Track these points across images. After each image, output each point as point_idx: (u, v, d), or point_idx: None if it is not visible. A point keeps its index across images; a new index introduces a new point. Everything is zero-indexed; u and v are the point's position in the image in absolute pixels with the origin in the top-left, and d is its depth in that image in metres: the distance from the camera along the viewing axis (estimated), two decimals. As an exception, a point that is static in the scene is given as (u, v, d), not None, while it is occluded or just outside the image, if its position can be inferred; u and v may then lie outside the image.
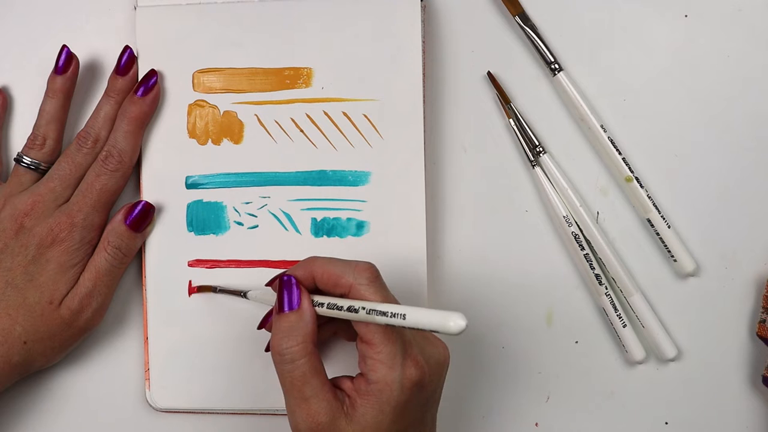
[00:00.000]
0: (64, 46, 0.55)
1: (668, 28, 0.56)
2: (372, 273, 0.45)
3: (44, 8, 0.57)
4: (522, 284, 0.55)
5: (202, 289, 0.54)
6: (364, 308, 0.42)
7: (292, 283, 0.45)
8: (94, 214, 0.53)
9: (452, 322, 0.38)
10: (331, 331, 0.51)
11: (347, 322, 0.46)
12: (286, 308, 0.45)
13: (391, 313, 0.41)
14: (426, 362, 0.44)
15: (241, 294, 0.51)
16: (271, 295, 0.48)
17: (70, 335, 0.53)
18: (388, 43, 0.54)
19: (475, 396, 0.55)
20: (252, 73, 0.55)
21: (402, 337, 0.44)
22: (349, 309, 0.43)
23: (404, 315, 0.40)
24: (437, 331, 0.39)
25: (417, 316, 0.40)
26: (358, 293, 0.44)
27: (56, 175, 0.53)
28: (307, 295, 0.45)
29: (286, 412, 0.51)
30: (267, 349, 0.51)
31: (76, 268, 0.52)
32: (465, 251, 0.56)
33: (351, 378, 0.46)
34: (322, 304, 0.44)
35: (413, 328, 0.40)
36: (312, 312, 0.45)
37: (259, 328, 0.51)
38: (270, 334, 0.47)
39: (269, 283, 0.50)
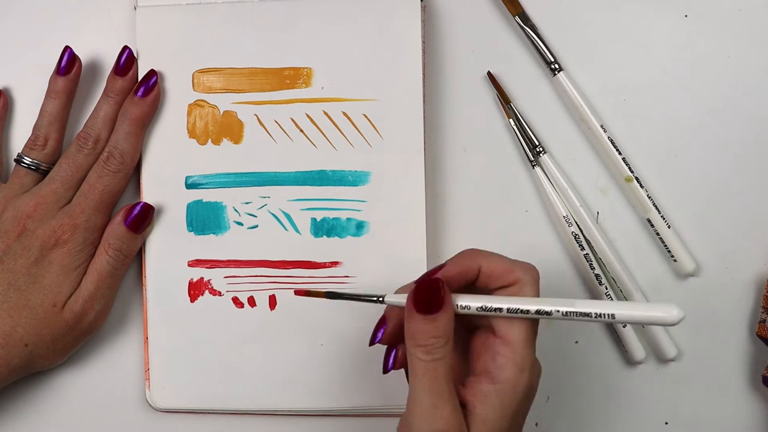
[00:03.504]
0: (67, 47, 0.55)
1: (668, 28, 0.56)
2: (537, 274, 0.44)
3: (44, 8, 0.57)
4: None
5: (312, 294, 0.48)
6: (558, 310, 0.42)
7: (435, 284, 0.43)
8: (96, 216, 0.53)
9: (672, 313, 0.39)
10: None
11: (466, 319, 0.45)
12: (430, 311, 0.42)
13: (596, 314, 0.41)
14: (539, 373, 0.44)
15: (377, 300, 0.46)
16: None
17: (73, 338, 0.53)
18: (388, 43, 0.54)
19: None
20: (252, 73, 0.55)
21: (534, 345, 0.43)
22: (538, 312, 0.42)
23: (613, 315, 0.40)
24: (654, 324, 0.38)
25: (631, 313, 0.40)
26: (521, 291, 0.43)
27: (58, 177, 0.53)
28: (449, 294, 0.43)
29: (285, 413, 0.51)
30: (386, 371, 0.47)
31: (78, 269, 0.52)
32: (465, 251, 0.56)
33: (471, 378, 0.44)
34: (467, 307, 0.43)
35: (628, 322, 0.40)
36: (452, 310, 0.43)
37: (372, 344, 0.47)
38: (383, 348, 0.46)
39: (402, 290, 0.46)
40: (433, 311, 0.42)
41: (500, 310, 0.43)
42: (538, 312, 0.42)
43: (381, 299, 0.46)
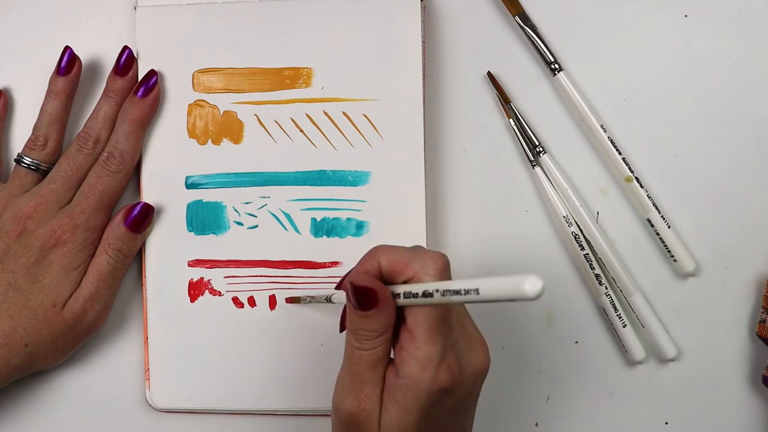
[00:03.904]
0: (67, 47, 0.55)
1: (668, 28, 0.56)
2: (440, 264, 0.42)
3: (44, 8, 0.57)
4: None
5: (292, 300, 0.54)
6: (438, 290, 0.39)
7: (364, 290, 0.42)
8: (96, 216, 0.53)
9: (527, 285, 0.34)
10: None
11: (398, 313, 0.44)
12: (364, 308, 0.42)
13: (464, 290, 0.37)
14: (460, 369, 0.42)
15: (326, 299, 0.49)
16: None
17: (73, 338, 0.53)
18: (388, 43, 0.54)
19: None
20: (252, 73, 0.55)
21: (446, 339, 0.42)
22: (425, 294, 0.39)
23: (477, 290, 0.37)
24: (514, 300, 0.35)
25: (490, 289, 0.36)
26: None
27: (58, 177, 0.53)
28: (387, 293, 0.42)
29: (285, 413, 0.51)
30: (342, 329, 0.48)
31: (79, 269, 0.52)
32: (465, 251, 0.56)
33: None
34: (398, 295, 0.42)
35: (490, 301, 0.36)
36: (392, 308, 0.42)
37: (341, 330, 0.48)
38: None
39: (338, 286, 0.48)
40: (367, 309, 0.42)
41: (413, 294, 0.41)
42: (424, 294, 0.40)
43: (329, 299, 0.48)
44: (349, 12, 0.54)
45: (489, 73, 0.56)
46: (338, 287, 0.49)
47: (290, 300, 0.54)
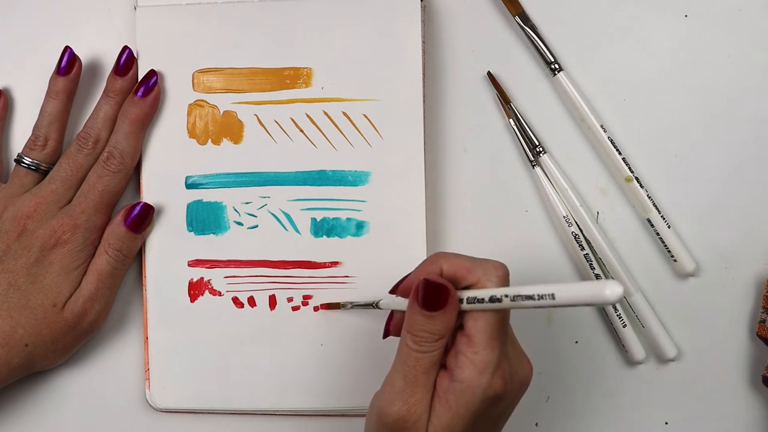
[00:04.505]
0: (67, 47, 0.55)
1: (668, 28, 0.56)
2: (504, 272, 0.42)
3: (44, 9, 0.57)
4: (522, 284, 0.55)
5: (330, 306, 0.53)
6: (507, 295, 0.39)
7: (439, 287, 0.42)
8: (96, 216, 0.53)
9: (608, 290, 0.34)
10: None
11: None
12: (431, 308, 0.42)
13: (538, 295, 0.37)
14: (512, 378, 0.43)
15: (373, 305, 0.49)
16: (402, 301, 0.46)
17: (73, 338, 0.53)
18: (388, 43, 0.54)
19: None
20: (252, 73, 0.55)
21: (502, 346, 0.42)
22: (492, 299, 0.40)
23: (552, 295, 0.37)
24: (594, 304, 0.35)
25: (567, 294, 0.36)
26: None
27: (58, 177, 0.53)
28: (455, 295, 0.42)
29: (285, 413, 0.51)
30: (385, 336, 0.49)
31: (79, 270, 0.52)
32: (465, 251, 0.55)
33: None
34: (461, 300, 0.42)
35: (566, 306, 0.37)
36: (456, 312, 0.42)
37: (385, 336, 0.49)
38: (383, 349, 0.46)
39: (393, 290, 0.47)
40: (433, 309, 0.42)
41: (479, 300, 0.41)
42: (491, 299, 0.40)
43: (376, 305, 0.47)
44: (349, 12, 0.54)
45: (489, 73, 0.56)
46: (393, 291, 0.47)
47: (327, 306, 0.53)
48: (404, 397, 0.42)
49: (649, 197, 0.54)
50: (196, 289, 0.54)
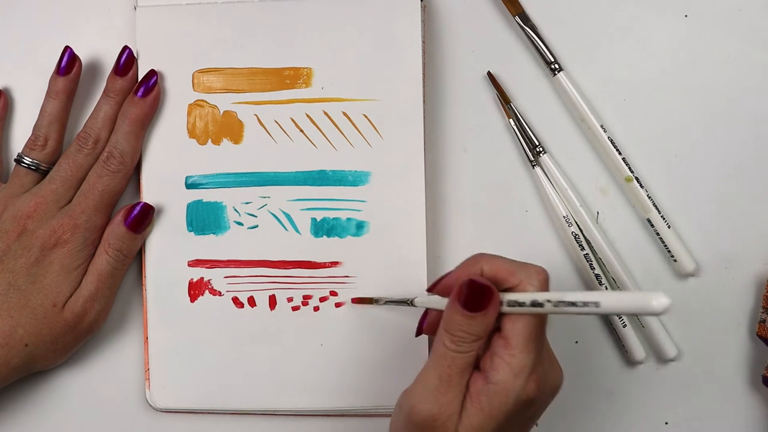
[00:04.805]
0: (67, 47, 0.55)
1: (668, 28, 0.56)
2: (543, 277, 0.43)
3: (44, 8, 0.57)
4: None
5: (362, 300, 0.53)
6: (549, 301, 0.40)
7: (484, 288, 0.42)
8: (96, 216, 0.53)
9: (655, 301, 0.35)
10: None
11: None
12: (472, 309, 0.42)
13: (582, 302, 0.38)
14: (544, 383, 0.43)
15: (408, 302, 0.49)
16: (439, 300, 0.46)
17: (73, 338, 0.53)
18: (388, 43, 0.54)
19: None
20: (252, 73, 0.55)
21: (538, 351, 0.42)
22: (533, 303, 0.40)
23: (597, 303, 0.37)
24: (639, 314, 0.36)
25: (612, 302, 0.37)
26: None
27: (58, 177, 0.53)
28: (498, 298, 0.42)
29: (285, 413, 0.51)
30: (418, 334, 0.49)
31: (79, 270, 0.52)
32: (465, 251, 0.55)
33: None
34: (501, 302, 0.42)
35: (610, 314, 0.38)
36: (496, 314, 0.42)
37: (418, 334, 0.50)
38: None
39: (431, 288, 0.47)
40: (475, 311, 0.42)
41: (520, 303, 0.41)
42: (533, 304, 0.41)
43: (411, 302, 0.48)
44: (349, 12, 0.54)
45: (489, 73, 0.56)
46: (431, 290, 0.47)
47: (359, 300, 0.53)
48: (437, 396, 0.42)
49: (649, 197, 0.54)
50: (196, 289, 0.54)
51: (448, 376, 0.42)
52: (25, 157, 0.54)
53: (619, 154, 0.54)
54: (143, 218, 0.53)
